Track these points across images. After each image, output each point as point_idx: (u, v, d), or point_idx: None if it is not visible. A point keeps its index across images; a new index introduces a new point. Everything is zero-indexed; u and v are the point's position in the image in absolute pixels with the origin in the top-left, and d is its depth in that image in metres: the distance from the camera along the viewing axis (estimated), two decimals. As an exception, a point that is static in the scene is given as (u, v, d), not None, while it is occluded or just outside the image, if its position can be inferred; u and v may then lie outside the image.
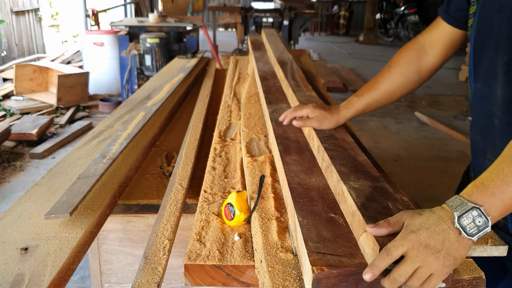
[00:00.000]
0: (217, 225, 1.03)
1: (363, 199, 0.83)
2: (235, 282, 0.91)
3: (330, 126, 1.22)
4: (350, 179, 0.90)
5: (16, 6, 7.51)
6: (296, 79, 1.71)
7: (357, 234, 0.78)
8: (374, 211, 0.80)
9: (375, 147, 4.32)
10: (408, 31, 10.51)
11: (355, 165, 0.97)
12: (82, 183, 1.22)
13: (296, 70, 1.85)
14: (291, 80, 1.69)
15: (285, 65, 1.94)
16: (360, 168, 0.95)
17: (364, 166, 0.96)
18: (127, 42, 5.01)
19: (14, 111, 4.88)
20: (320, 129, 1.23)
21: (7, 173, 3.64)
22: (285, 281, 0.80)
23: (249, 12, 6.92)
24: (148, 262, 0.97)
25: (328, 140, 1.11)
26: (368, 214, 0.78)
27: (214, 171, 1.30)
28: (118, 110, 1.99)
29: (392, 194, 0.87)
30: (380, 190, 0.88)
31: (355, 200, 0.83)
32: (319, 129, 1.20)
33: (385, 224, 0.73)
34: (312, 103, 1.30)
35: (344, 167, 0.95)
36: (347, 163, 0.97)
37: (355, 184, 0.89)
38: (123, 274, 1.49)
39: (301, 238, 0.81)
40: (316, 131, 1.19)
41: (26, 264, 0.94)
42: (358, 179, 0.91)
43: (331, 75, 6.80)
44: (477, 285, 0.84)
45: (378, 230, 0.72)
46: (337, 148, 1.06)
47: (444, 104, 5.87)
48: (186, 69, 2.81)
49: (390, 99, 1.25)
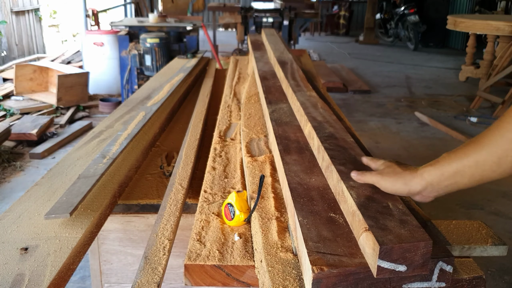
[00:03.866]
0: (217, 225, 1.03)
1: (363, 199, 0.83)
2: (235, 282, 0.91)
3: (401, 187, 0.87)
4: (350, 179, 0.90)
5: (16, 6, 7.51)
6: (296, 79, 1.71)
7: (357, 234, 0.78)
8: (374, 211, 0.80)
9: (375, 147, 4.32)
10: (408, 31, 10.51)
11: (355, 165, 0.97)
12: (82, 183, 1.22)
13: (296, 70, 1.85)
14: (291, 80, 1.69)
15: (285, 65, 1.94)
16: (361, 168, 0.95)
17: (365, 166, 0.96)
18: (127, 42, 5.00)
19: (14, 111, 4.88)
20: (320, 129, 1.17)
21: (7, 173, 3.64)
22: (285, 281, 0.80)
23: (249, 12, 6.93)
24: (148, 262, 0.97)
25: (328, 140, 1.10)
26: (368, 214, 0.78)
27: (214, 171, 1.30)
28: (118, 110, 1.99)
29: (393, 195, 0.87)
30: (380, 190, 0.88)
31: (355, 200, 0.83)
32: (384, 189, 0.88)
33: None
34: (315, 104, 1.25)
35: (344, 167, 0.95)
36: (347, 163, 0.97)
37: (355, 183, 0.89)
38: (123, 274, 1.49)
39: (301, 238, 0.81)
40: (316, 131, 1.17)
41: (26, 264, 0.94)
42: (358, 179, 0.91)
43: (331, 75, 6.79)
44: (477, 285, 0.84)
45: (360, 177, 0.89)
46: (337, 148, 1.06)
47: (444, 104, 5.87)
48: (186, 69, 2.81)
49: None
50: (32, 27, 8.00)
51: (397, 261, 0.72)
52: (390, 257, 0.71)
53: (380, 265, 0.71)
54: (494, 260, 2.53)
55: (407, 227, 0.75)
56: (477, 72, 6.61)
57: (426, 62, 8.83)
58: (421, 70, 8.02)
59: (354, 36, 12.37)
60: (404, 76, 7.59)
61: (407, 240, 0.72)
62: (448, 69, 8.05)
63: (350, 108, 5.65)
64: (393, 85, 6.91)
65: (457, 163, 0.82)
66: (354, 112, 5.46)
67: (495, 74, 5.65)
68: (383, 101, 5.99)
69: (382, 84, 6.98)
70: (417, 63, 8.73)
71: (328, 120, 1.26)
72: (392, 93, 6.43)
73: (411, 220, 0.78)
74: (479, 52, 7.14)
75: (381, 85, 6.88)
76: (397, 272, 0.73)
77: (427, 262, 0.73)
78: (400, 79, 7.33)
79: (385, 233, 0.74)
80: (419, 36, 10.40)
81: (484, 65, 6.39)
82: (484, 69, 6.36)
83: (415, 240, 0.72)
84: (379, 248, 0.70)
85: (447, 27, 6.58)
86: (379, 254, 0.71)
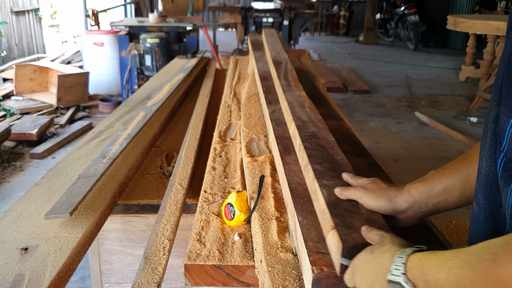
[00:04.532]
0: (217, 225, 1.03)
1: (333, 198, 0.84)
2: (235, 282, 0.91)
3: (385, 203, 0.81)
4: (324, 178, 0.90)
5: (16, 6, 7.51)
6: (288, 79, 1.71)
7: (325, 232, 0.79)
8: (343, 210, 0.80)
9: (375, 147, 4.33)
10: (408, 31, 10.51)
11: (331, 164, 0.97)
12: (82, 183, 1.22)
13: (290, 70, 1.85)
14: (283, 80, 1.69)
15: (280, 65, 1.94)
16: (337, 167, 0.95)
17: (341, 165, 0.97)
18: (127, 42, 5.00)
19: (14, 111, 4.88)
20: (303, 129, 1.16)
21: (7, 173, 3.64)
22: (285, 281, 0.80)
23: (249, 12, 6.92)
24: (148, 262, 0.97)
25: (309, 139, 1.11)
26: (336, 212, 0.79)
27: (214, 171, 1.30)
28: (118, 110, 1.99)
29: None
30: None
31: (326, 199, 0.83)
32: (367, 206, 0.83)
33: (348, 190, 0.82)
34: (302, 104, 1.24)
35: (320, 166, 0.96)
36: (324, 162, 0.98)
37: (329, 182, 0.89)
38: (123, 274, 1.49)
39: (301, 238, 0.81)
40: (299, 130, 1.17)
41: (26, 264, 0.94)
42: (333, 178, 0.91)
43: (331, 75, 6.80)
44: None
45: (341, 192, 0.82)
46: (317, 147, 1.07)
47: (444, 104, 5.87)
48: (186, 69, 2.81)
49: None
50: (32, 27, 8.00)
51: None
52: (353, 255, 0.70)
53: (343, 263, 0.71)
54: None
55: (372, 225, 0.75)
56: (477, 72, 6.61)
57: (426, 62, 8.83)
58: (421, 70, 8.02)
59: (354, 36, 12.37)
60: (404, 76, 7.59)
61: None
62: (448, 69, 8.05)
63: (350, 108, 5.65)
64: (393, 85, 6.91)
65: (447, 178, 0.79)
66: (354, 112, 5.46)
67: (495, 74, 5.65)
68: (383, 101, 5.99)
69: (382, 84, 6.98)
70: (417, 63, 8.73)
71: (313, 120, 1.26)
72: (392, 93, 6.43)
73: (378, 219, 0.78)
74: (479, 52, 7.13)
75: (381, 85, 6.88)
76: None
77: None
78: (400, 79, 7.33)
79: (350, 231, 0.73)
80: (419, 36, 10.40)
81: (484, 65, 6.39)
82: (484, 69, 6.36)
83: None
84: (342, 246, 0.70)
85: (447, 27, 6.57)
86: (342, 252, 0.71)
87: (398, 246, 0.65)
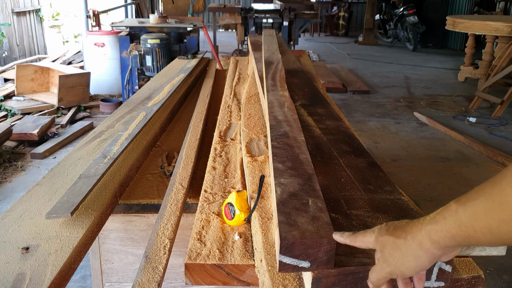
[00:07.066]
0: (218, 224, 1.03)
1: (285, 196, 0.85)
2: (235, 281, 0.92)
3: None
4: (283, 176, 0.92)
5: (17, 7, 7.51)
6: (275, 79, 1.72)
7: (274, 230, 0.80)
8: (291, 207, 0.81)
9: (374, 147, 4.33)
10: (407, 32, 10.52)
11: (293, 163, 0.98)
12: (83, 182, 1.22)
13: (279, 70, 1.86)
14: (270, 80, 1.70)
15: (271, 65, 1.95)
16: (298, 166, 0.96)
17: (303, 164, 0.98)
18: (128, 42, 5.01)
19: (15, 111, 4.88)
20: (276, 128, 1.18)
21: (8, 173, 3.64)
22: (285, 280, 0.81)
23: (249, 13, 6.93)
24: (149, 261, 0.98)
25: (279, 139, 1.13)
26: (284, 210, 0.80)
27: (214, 171, 1.30)
28: (119, 110, 1.99)
29: (318, 192, 0.88)
30: (307, 187, 0.89)
31: (278, 196, 0.84)
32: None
33: (350, 238, 0.72)
34: (282, 104, 1.25)
35: (282, 165, 0.97)
36: (287, 161, 0.99)
37: (286, 181, 0.90)
38: (124, 273, 1.50)
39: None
40: (271, 129, 1.19)
41: (27, 263, 0.94)
42: (291, 176, 0.92)
43: (330, 76, 6.80)
44: (476, 284, 0.85)
45: (340, 238, 0.73)
46: (285, 146, 1.08)
47: (443, 105, 5.87)
48: (186, 69, 2.81)
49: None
50: (33, 28, 8.00)
51: (300, 257, 0.72)
52: (292, 253, 0.71)
53: (282, 261, 0.71)
54: (493, 260, 2.53)
55: (316, 223, 0.75)
56: (476, 72, 6.61)
57: (425, 62, 8.83)
58: (420, 71, 8.02)
59: (354, 37, 12.37)
60: (403, 76, 7.60)
61: (310, 236, 0.72)
62: (447, 70, 8.05)
63: (350, 108, 5.66)
64: (392, 86, 6.92)
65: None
66: (353, 112, 5.47)
67: (494, 74, 5.65)
68: (382, 101, 5.99)
69: (381, 84, 6.98)
70: (416, 63, 8.73)
71: (288, 120, 1.28)
72: (391, 94, 6.43)
73: (324, 217, 0.79)
74: (478, 52, 7.14)
75: (380, 86, 6.89)
76: (300, 268, 0.73)
77: (331, 259, 0.73)
78: (399, 80, 7.34)
79: (291, 228, 0.74)
80: (418, 36, 10.41)
81: (483, 66, 6.39)
82: (483, 69, 6.37)
83: (319, 236, 0.72)
84: (280, 243, 0.71)
85: (446, 27, 6.59)
86: (280, 249, 0.71)
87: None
